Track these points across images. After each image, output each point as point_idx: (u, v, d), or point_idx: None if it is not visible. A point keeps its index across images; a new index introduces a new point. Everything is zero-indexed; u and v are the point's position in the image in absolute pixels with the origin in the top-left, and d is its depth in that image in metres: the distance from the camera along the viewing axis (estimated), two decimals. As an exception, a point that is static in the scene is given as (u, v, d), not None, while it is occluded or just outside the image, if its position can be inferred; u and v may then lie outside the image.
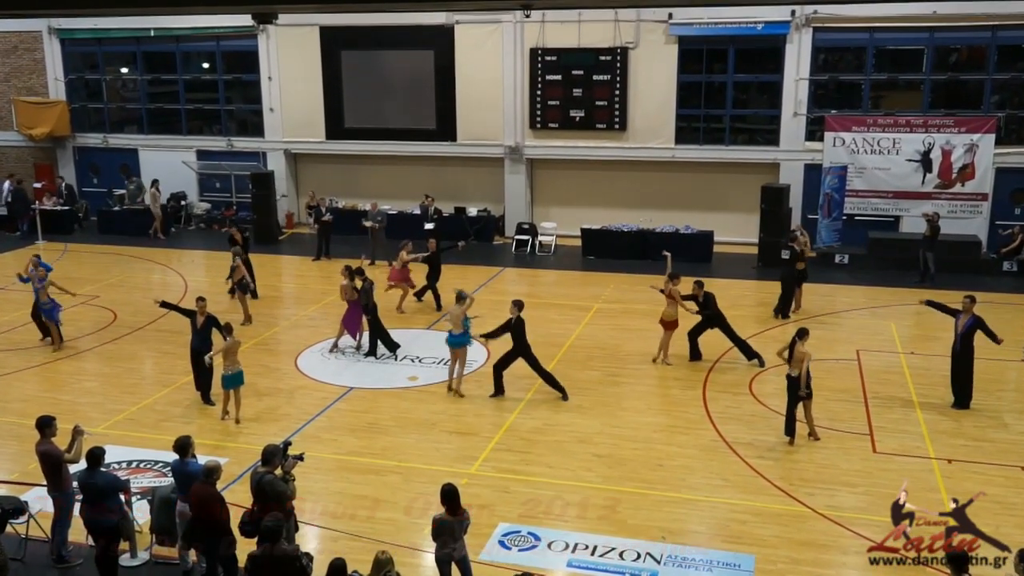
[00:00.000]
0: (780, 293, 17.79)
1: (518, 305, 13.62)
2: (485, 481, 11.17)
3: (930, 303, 13.67)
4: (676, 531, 10.04)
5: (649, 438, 12.44)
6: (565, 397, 13.72)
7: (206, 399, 13.51)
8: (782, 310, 17.75)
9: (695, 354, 15.34)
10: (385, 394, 14.08)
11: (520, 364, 15.33)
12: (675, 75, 23.55)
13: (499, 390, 13.87)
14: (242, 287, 17.57)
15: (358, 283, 15.52)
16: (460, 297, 13.97)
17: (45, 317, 16.20)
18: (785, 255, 18.30)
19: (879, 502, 10.15)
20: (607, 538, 9.83)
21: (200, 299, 13.60)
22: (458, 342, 13.87)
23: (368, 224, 22.19)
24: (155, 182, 26.05)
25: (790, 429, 12.10)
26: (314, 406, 13.65)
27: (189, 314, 13.52)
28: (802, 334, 12.03)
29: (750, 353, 15.15)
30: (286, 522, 8.54)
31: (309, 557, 8.30)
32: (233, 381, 12.79)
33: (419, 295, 18.53)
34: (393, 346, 15.71)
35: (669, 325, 15.14)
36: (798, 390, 11.87)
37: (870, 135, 22.20)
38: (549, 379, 13.86)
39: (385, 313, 16.62)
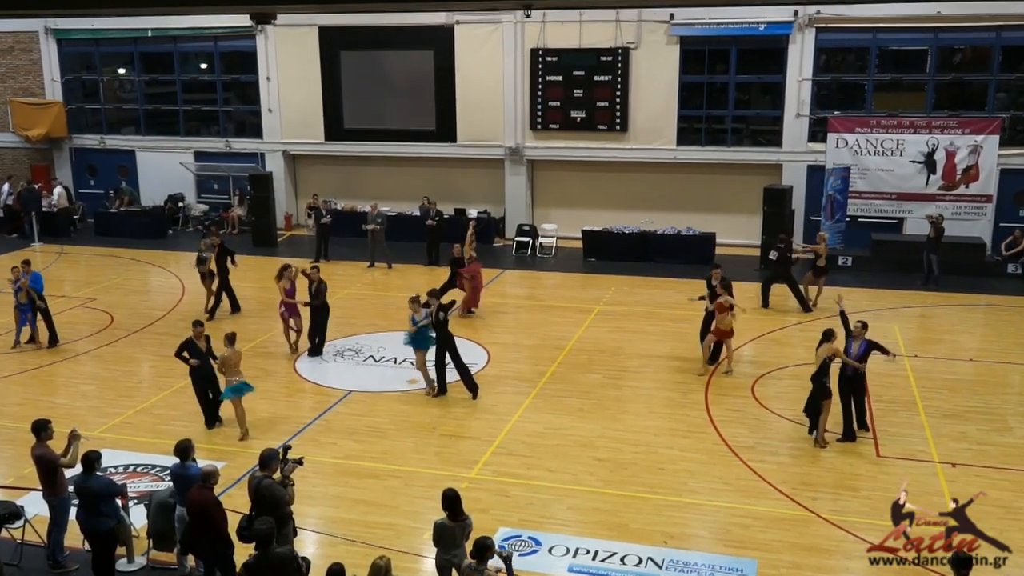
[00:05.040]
0: (793, 293, 18.36)
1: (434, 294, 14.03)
2: (486, 485, 11.16)
3: (843, 313, 12.71)
4: (678, 536, 10.03)
5: (651, 442, 12.43)
6: (474, 396, 13.84)
7: (211, 423, 12.81)
8: (803, 305, 18.24)
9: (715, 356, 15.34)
10: (384, 397, 14.08)
11: (523, 367, 15.37)
12: (677, 76, 23.55)
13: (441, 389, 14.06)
14: (210, 275, 17.95)
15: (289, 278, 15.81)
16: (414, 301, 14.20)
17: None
18: (772, 256, 18.51)
19: (883, 506, 10.10)
20: (608, 543, 9.83)
21: (196, 323, 12.93)
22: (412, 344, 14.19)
23: (370, 227, 22.15)
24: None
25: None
26: (312, 409, 13.65)
27: (191, 349, 12.66)
28: (828, 336, 12.04)
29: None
30: (285, 527, 8.56)
31: (307, 562, 8.31)
32: (232, 392, 12.29)
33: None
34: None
35: (726, 334, 14.80)
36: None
37: (873, 136, 22.20)
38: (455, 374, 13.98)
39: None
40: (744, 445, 12.20)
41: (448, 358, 13.83)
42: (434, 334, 13.80)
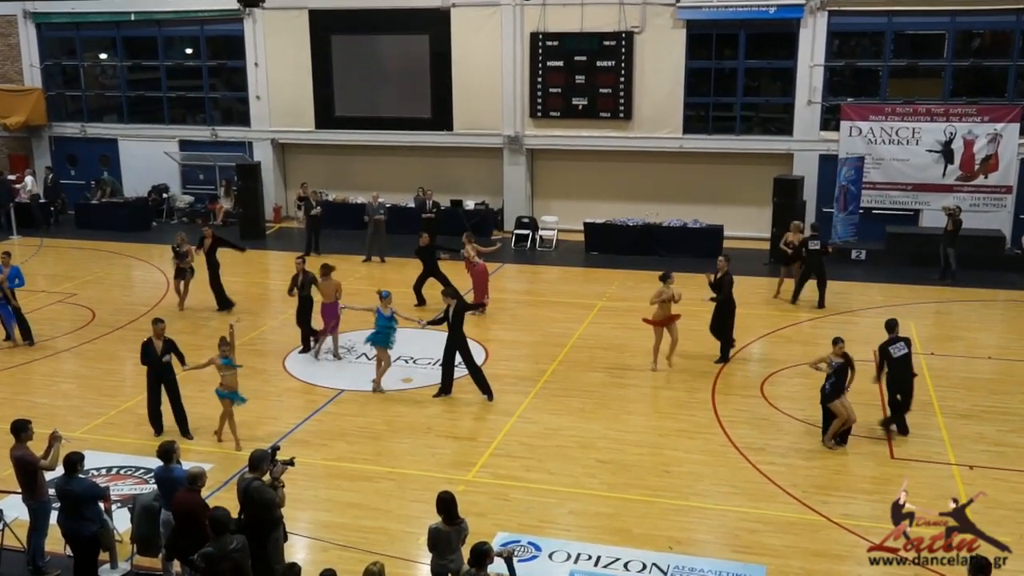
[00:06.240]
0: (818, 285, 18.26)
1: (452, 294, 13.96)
2: (483, 488, 11.18)
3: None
4: (684, 540, 10.06)
5: (655, 443, 12.45)
6: (490, 398, 13.78)
7: (159, 429, 12.62)
8: (821, 301, 18.21)
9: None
10: (378, 397, 14.09)
11: (523, 365, 15.39)
12: (683, 61, 23.53)
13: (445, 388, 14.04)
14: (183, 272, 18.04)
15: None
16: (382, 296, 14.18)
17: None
18: (816, 246, 18.20)
19: (897, 510, 10.18)
20: (611, 548, 9.84)
21: (157, 321, 12.62)
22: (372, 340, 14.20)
23: (376, 218, 22.15)
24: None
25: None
26: (303, 409, 13.67)
27: (146, 351, 12.46)
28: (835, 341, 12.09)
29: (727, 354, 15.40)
30: (275, 530, 8.58)
31: (297, 568, 8.32)
32: (225, 395, 12.17)
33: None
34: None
35: (659, 323, 14.93)
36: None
37: (888, 124, 22.20)
38: (478, 376, 13.91)
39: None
40: (753, 446, 12.22)
41: (459, 359, 13.83)
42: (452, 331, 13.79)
